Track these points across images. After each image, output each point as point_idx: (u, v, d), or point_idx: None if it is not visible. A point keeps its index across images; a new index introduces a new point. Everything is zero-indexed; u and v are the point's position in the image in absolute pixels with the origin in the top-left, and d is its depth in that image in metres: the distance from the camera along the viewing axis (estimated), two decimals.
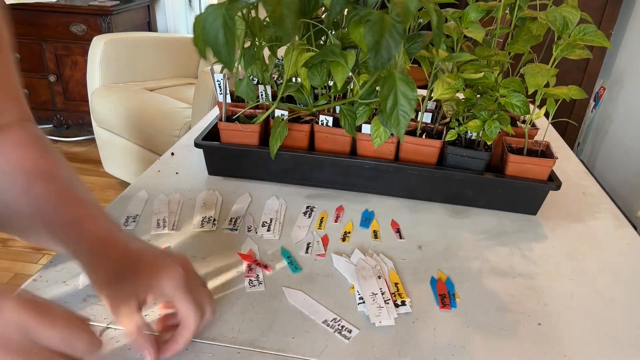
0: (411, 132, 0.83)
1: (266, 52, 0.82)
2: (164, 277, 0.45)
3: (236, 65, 0.83)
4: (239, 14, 0.71)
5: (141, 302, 0.45)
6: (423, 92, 0.85)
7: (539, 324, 0.59)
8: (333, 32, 0.78)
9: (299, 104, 0.87)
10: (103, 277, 0.45)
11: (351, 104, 0.80)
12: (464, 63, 0.77)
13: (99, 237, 0.47)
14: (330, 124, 0.83)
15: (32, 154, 0.53)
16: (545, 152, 0.83)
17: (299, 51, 0.76)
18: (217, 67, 0.82)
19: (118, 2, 2.73)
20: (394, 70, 0.65)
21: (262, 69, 0.80)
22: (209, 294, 0.51)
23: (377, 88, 0.80)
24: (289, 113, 0.84)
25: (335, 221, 0.77)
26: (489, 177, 0.80)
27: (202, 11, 0.58)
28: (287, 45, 0.77)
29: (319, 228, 0.75)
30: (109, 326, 0.54)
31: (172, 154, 0.97)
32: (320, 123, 0.83)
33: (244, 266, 0.65)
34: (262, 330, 0.55)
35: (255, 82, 0.98)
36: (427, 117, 0.88)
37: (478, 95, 0.80)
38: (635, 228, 0.81)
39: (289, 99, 0.88)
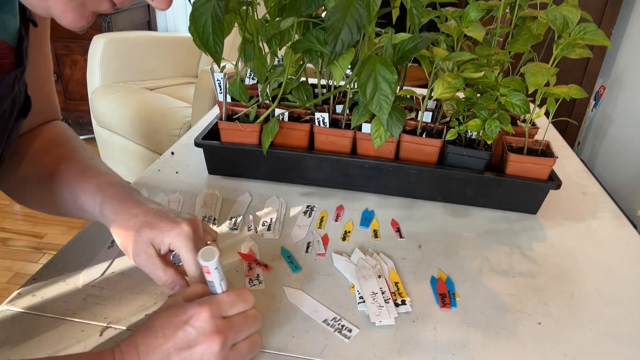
0: (411, 132, 0.83)
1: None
2: (175, 232, 0.51)
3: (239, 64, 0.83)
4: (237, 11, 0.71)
5: (157, 250, 0.52)
6: (423, 92, 0.85)
7: (539, 324, 0.59)
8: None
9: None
10: (125, 231, 0.52)
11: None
12: (464, 62, 0.77)
13: (120, 199, 0.54)
14: (326, 121, 0.83)
15: (57, 141, 0.62)
16: (546, 152, 0.82)
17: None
18: (217, 67, 0.82)
19: None
20: (373, 54, 0.64)
21: (262, 68, 0.80)
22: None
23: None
24: (289, 113, 0.84)
25: (336, 220, 0.77)
26: (489, 177, 0.80)
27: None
28: (288, 45, 0.77)
29: (319, 227, 0.75)
30: (109, 326, 0.54)
31: (172, 153, 0.97)
32: (316, 121, 0.83)
33: (244, 266, 0.65)
34: (262, 330, 0.55)
35: (255, 81, 0.98)
36: (427, 117, 0.88)
37: (478, 95, 0.80)
38: (636, 227, 0.81)
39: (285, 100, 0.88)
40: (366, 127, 0.81)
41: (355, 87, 0.82)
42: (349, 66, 0.74)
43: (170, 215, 0.53)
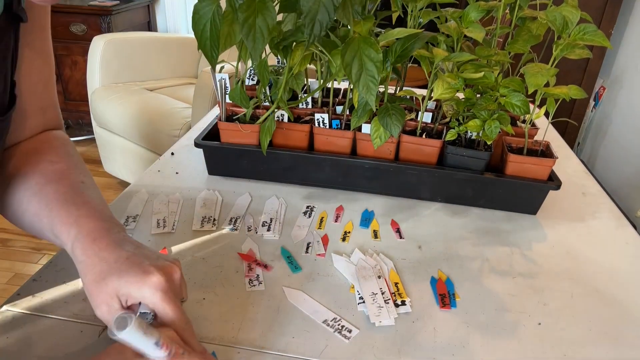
0: (411, 132, 0.83)
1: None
2: (145, 286, 0.45)
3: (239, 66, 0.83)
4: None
5: (123, 302, 0.46)
6: (423, 92, 0.85)
7: (539, 324, 0.59)
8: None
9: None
10: (90, 277, 0.46)
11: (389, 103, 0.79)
12: (464, 63, 0.77)
13: (94, 237, 0.48)
14: (326, 121, 0.83)
15: (52, 157, 0.58)
16: (545, 152, 0.83)
17: (302, 49, 0.75)
18: (218, 67, 0.82)
19: (118, 2, 2.73)
20: (355, 35, 0.63)
21: (264, 70, 0.80)
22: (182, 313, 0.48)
23: None
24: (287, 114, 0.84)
25: (335, 221, 0.77)
26: (489, 177, 0.80)
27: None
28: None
29: (319, 228, 0.75)
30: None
31: (172, 153, 0.97)
32: (316, 122, 0.83)
33: (244, 266, 0.65)
34: (262, 330, 0.55)
35: (255, 82, 0.98)
36: (427, 117, 0.88)
37: (478, 95, 0.80)
38: (635, 228, 0.81)
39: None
40: (366, 128, 0.81)
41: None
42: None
43: (145, 262, 0.47)
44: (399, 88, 0.92)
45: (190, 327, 0.47)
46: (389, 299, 0.60)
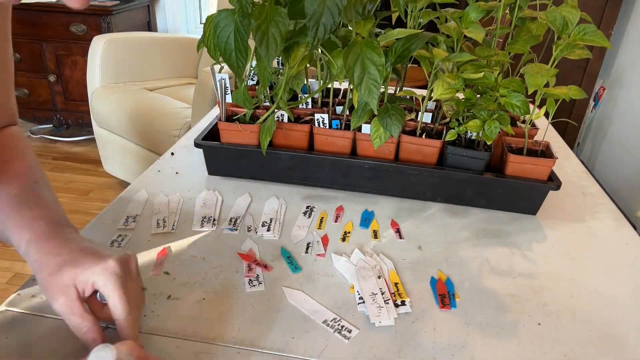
0: (411, 132, 0.83)
1: None
2: (99, 268, 0.47)
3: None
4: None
5: (80, 291, 0.47)
6: (423, 92, 0.85)
7: (539, 324, 0.59)
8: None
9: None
10: (46, 271, 0.47)
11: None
12: (464, 63, 0.77)
13: (47, 237, 0.50)
14: (326, 122, 0.83)
15: (5, 156, 0.58)
16: (545, 152, 0.83)
17: (304, 49, 0.75)
18: (218, 67, 0.82)
19: (118, 2, 2.73)
20: (357, 38, 0.63)
21: (264, 71, 0.80)
22: (140, 296, 0.54)
23: None
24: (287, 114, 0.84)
25: (335, 221, 0.77)
26: (488, 177, 0.80)
27: (214, 12, 0.58)
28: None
29: (319, 228, 0.75)
30: (108, 326, 0.54)
31: (172, 153, 0.97)
32: (316, 122, 0.83)
33: (244, 266, 0.65)
34: (262, 330, 0.55)
35: (255, 82, 0.98)
36: (427, 117, 0.88)
37: (478, 95, 0.80)
38: (635, 228, 0.81)
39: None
40: (366, 128, 0.81)
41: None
42: None
43: (100, 251, 0.49)
44: (399, 88, 0.92)
45: (132, 318, 0.48)
46: (389, 299, 0.60)
